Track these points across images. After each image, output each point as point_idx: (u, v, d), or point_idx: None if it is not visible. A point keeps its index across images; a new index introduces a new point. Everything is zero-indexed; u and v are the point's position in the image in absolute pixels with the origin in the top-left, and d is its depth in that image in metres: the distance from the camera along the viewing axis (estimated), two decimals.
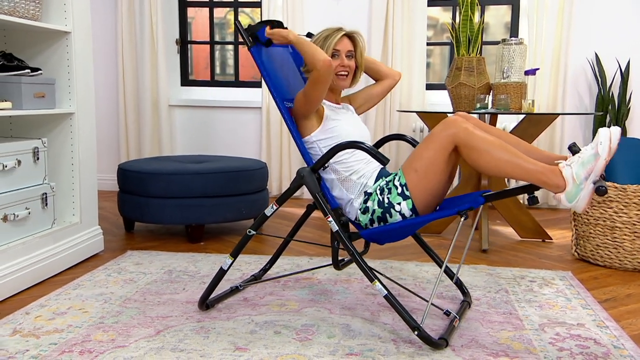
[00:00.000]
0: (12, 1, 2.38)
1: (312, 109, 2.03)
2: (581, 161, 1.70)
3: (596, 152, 1.68)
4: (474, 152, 1.81)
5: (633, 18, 3.99)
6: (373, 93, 2.33)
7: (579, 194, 1.70)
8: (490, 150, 1.78)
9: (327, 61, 1.91)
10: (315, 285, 2.45)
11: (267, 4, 4.31)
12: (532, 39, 4.03)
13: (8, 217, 2.33)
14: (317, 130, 2.06)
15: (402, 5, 4.14)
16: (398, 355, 1.79)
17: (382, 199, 1.96)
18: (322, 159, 1.94)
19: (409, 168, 1.93)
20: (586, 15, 4.04)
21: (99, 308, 2.15)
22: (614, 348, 1.86)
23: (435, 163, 1.89)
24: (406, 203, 1.93)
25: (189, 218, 3.10)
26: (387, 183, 1.98)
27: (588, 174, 1.69)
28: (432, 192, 1.93)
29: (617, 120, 3.92)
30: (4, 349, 1.80)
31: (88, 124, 2.79)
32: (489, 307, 2.22)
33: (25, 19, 2.43)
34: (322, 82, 1.94)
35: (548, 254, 2.99)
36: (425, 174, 1.90)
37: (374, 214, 1.98)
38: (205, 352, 1.79)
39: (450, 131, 1.84)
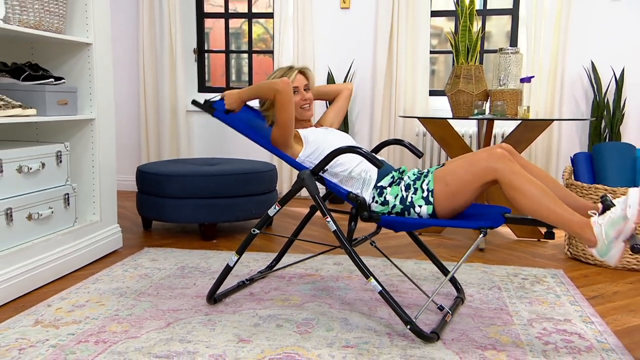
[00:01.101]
0: (38, 15, 2.44)
1: (289, 133, 2.08)
2: (611, 222, 1.65)
3: (625, 215, 1.63)
4: (516, 193, 1.78)
5: (627, 28, 3.96)
6: (338, 107, 2.40)
7: (610, 252, 1.66)
8: (532, 195, 1.75)
9: (285, 81, 2.01)
10: (318, 282, 2.47)
11: (279, 15, 4.34)
12: (531, 47, 4.02)
13: (32, 216, 2.38)
14: (302, 150, 2.12)
15: (406, 15, 4.15)
16: (391, 347, 1.81)
17: (405, 196, 1.95)
18: (321, 163, 1.95)
19: (441, 179, 1.92)
20: (582, 25, 4.02)
21: (115, 301, 2.19)
22: (597, 342, 1.86)
23: (468, 186, 1.87)
24: (427, 208, 1.92)
25: (203, 217, 3.14)
26: (414, 182, 1.97)
27: (617, 234, 1.64)
28: (456, 207, 1.92)
29: (612, 125, 3.89)
30: (26, 338, 1.84)
31: (108, 129, 2.83)
32: (481, 303, 2.22)
33: (50, 32, 2.48)
34: (288, 102, 2.02)
35: (542, 253, 2.99)
36: (455, 192, 1.89)
37: (393, 208, 1.97)
38: (211, 343, 1.82)
39: (496, 166, 1.81)
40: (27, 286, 2.29)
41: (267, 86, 2.06)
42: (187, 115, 4.63)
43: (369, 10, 4.32)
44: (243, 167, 3.28)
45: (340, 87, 2.43)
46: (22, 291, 2.26)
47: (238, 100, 2.15)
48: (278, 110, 2.04)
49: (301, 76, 2.23)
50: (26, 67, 2.53)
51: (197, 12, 4.73)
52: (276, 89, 2.01)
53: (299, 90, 2.21)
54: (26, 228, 2.36)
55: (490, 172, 1.82)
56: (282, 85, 2.00)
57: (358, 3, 4.33)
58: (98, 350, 1.76)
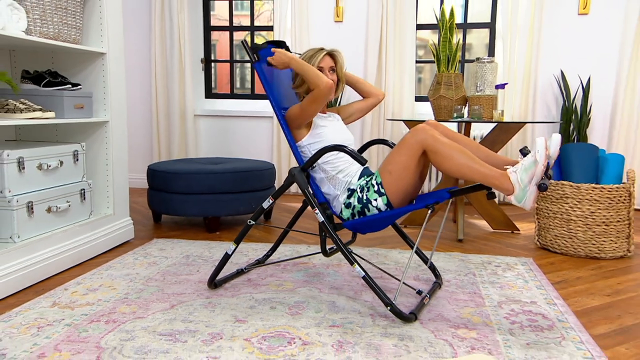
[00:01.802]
0: (57, 28, 2.46)
1: (306, 121, 2.06)
2: (523, 168, 1.71)
3: (535, 160, 1.69)
4: (438, 157, 1.82)
5: (593, 40, 3.98)
6: (359, 108, 2.35)
7: (525, 196, 1.71)
8: (452, 156, 1.80)
9: (330, 83, 1.94)
10: (310, 269, 2.49)
11: (278, 27, 4.36)
12: (507, 57, 4.04)
13: (52, 209, 2.41)
14: (306, 136, 2.08)
15: (394, 28, 4.17)
16: (373, 327, 1.83)
17: (361, 196, 1.98)
18: (310, 160, 1.97)
19: (384, 170, 1.95)
20: (552, 37, 4.04)
21: (125, 286, 2.22)
22: (558, 321, 1.89)
23: (406, 165, 1.90)
24: (381, 199, 1.95)
25: (207, 211, 3.16)
26: (366, 182, 2.00)
27: (530, 178, 1.70)
28: (405, 190, 1.94)
29: (579, 128, 3.91)
30: (44, 318, 1.87)
31: (120, 130, 2.85)
32: (456, 288, 2.24)
33: (68, 43, 2.50)
34: (321, 100, 1.96)
35: (514, 243, 3.01)
36: (399, 175, 1.92)
37: (354, 209, 2.00)
38: (210, 323, 1.84)
39: (419, 137, 1.86)
40: (46, 272, 2.31)
41: (315, 75, 1.95)
42: (195, 118, 4.66)
43: (360, 23, 4.34)
44: (244, 165, 3.30)
45: (374, 91, 2.33)
46: (41, 276, 2.29)
47: (285, 63, 2.05)
48: (310, 99, 1.98)
49: (328, 58, 2.13)
50: (46, 75, 2.55)
51: (204, 25, 4.75)
52: (318, 84, 1.94)
53: (323, 71, 2.11)
54: (46, 220, 2.38)
55: (417, 145, 1.86)
56: (324, 85, 1.93)
57: (350, 17, 4.35)
58: (108, 329, 1.78)
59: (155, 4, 4.48)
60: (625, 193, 2.69)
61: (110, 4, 2.71)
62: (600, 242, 2.68)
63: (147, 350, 1.63)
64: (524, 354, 1.63)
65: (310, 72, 1.98)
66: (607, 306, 2.05)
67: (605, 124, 4.04)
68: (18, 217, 2.21)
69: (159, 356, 1.59)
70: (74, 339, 1.71)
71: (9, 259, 2.12)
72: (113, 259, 2.61)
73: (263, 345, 1.68)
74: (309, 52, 2.13)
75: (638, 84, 3.86)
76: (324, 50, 2.12)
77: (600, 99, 4.02)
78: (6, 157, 2.18)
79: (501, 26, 4.08)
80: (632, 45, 3.85)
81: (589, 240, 2.69)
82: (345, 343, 1.70)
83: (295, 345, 1.68)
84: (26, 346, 1.65)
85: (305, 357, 1.59)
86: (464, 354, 1.63)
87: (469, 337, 1.75)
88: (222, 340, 1.71)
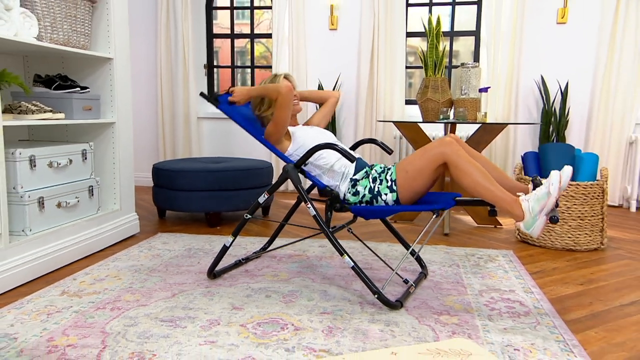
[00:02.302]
0: (67, 34, 2.47)
1: (283, 131, 2.10)
2: (536, 198, 1.70)
3: (548, 192, 1.67)
4: (458, 171, 1.82)
5: (571, 48, 4.00)
6: (323, 113, 2.40)
7: (534, 224, 1.71)
8: (471, 173, 1.79)
9: (289, 85, 2.04)
10: (304, 261, 2.50)
11: (277, 35, 4.37)
12: (491, 63, 4.06)
13: (61, 204, 2.41)
14: (291, 145, 2.13)
15: (385, 37, 4.18)
16: (362, 314, 1.84)
17: (373, 186, 1.98)
18: (303, 157, 1.98)
19: (401, 168, 1.95)
20: (533, 45, 4.06)
21: (130, 276, 2.23)
22: (534, 308, 1.90)
23: (423, 171, 1.90)
24: (392, 195, 1.95)
25: (208, 207, 3.17)
26: (379, 174, 2.00)
27: (542, 208, 1.69)
28: (415, 192, 1.95)
29: (558, 130, 3.93)
30: (54, 305, 1.87)
31: (126, 131, 2.86)
32: (441, 278, 2.26)
33: (77, 49, 2.51)
34: (287, 103, 2.03)
35: (497, 237, 3.02)
36: (414, 178, 1.92)
37: (363, 198, 2.00)
38: (209, 310, 1.85)
39: (444, 149, 1.85)
40: (56, 263, 2.32)
41: (273, 87, 2.07)
42: (198, 121, 4.66)
43: (354, 31, 4.35)
44: (243, 164, 3.31)
45: (328, 94, 2.42)
46: (52, 267, 2.29)
47: (246, 96, 2.14)
48: (278, 108, 2.04)
49: (285, 80, 2.25)
50: (57, 79, 2.55)
51: (207, 33, 4.75)
52: (280, 91, 2.04)
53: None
54: (56, 214, 2.39)
55: (440, 156, 1.86)
56: (285, 89, 2.03)
57: (344, 25, 4.37)
58: (113, 316, 1.79)
59: (160, 13, 4.49)
60: (599, 190, 2.70)
61: (117, 13, 2.72)
62: (575, 235, 2.70)
63: (149, 335, 1.64)
64: (501, 337, 1.65)
65: (269, 87, 2.09)
66: (580, 294, 2.06)
67: (582, 125, 4.06)
68: (30, 212, 2.22)
69: (160, 340, 1.60)
70: (81, 324, 1.72)
71: (21, 250, 2.13)
72: (119, 251, 2.62)
73: (258, 330, 1.69)
74: (267, 78, 2.26)
75: (612, 89, 3.88)
76: (280, 75, 2.24)
77: (577, 102, 4.04)
78: (18, 155, 2.19)
79: (485, 34, 4.09)
80: (607, 52, 3.87)
81: (565, 233, 2.71)
82: (334, 328, 1.71)
83: (288, 330, 1.69)
84: (36, 331, 1.66)
85: (297, 342, 1.60)
86: (446, 338, 1.64)
87: (451, 323, 1.76)
88: (219, 326, 1.72)
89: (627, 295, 2.06)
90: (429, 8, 4.35)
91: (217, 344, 1.58)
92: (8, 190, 2.19)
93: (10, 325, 1.71)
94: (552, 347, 1.59)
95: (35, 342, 1.58)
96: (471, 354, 1.52)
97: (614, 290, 2.11)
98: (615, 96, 3.88)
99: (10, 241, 2.11)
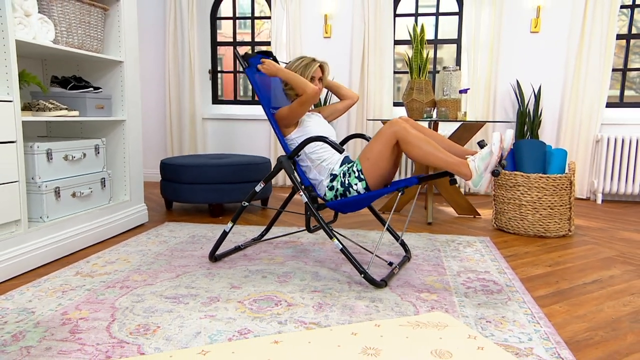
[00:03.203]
0: (81, 39, 2.47)
1: (294, 121, 2.08)
2: (481, 157, 1.73)
3: (490, 151, 1.71)
4: (408, 145, 1.85)
5: (543, 54, 4.03)
6: (337, 108, 2.38)
7: (481, 181, 1.74)
8: (420, 145, 1.82)
9: (315, 90, 1.98)
10: (298, 246, 2.51)
11: (275, 43, 4.38)
12: (471, 68, 4.08)
13: (76, 194, 2.42)
14: (295, 130, 2.11)
15: (375, 44, 4.20)
16: (349, 292, 1.86)
17: (343, 180, 2.01)
18: (296, 149, 1.99)
19: (363, 158, 1.97)
20: (509, 52, 4.08)
21: (138, 259, 2.24)
22: (506, 286, 1.92)
23: (382, 153, 1.92)
24: (361, 184, 1.97)
25: (211, 198, 3.18)
26: (348, 169, 2.02)
27: (486, 166, 1.72)
28: (381, 175, 1.96)
29: (532, 129, 3.96)
30: (68, 284, 1.89)
31: (136, 128, 2.87)
32: (423, 261, 2.27)
33: (91, 52, 2.52)
34: (308, 103, 2.01)
35: (475, 225, 3.04)
36: (375, 162, 1.94)
37: (337, 192, 2.02)
38: (209, 288, 1.87)
39: (393, 129, 1.88)
40: (71, 248, 2.33)
41: (302, 83, 2.00)
42: (203, 121, 4.67)
43: (346, 39, 4.37)
44: (244, 160, 3.32)
45: (349, 94, 2.35)
46: (67, 251, 2.30)
47: (274, 73, 2.08)
48: (298, 103, 2.01)
49: (319, 69, 2.17)
50: (72, 80, 2.56)
51: (211, 41, 4.76)
52: (305, 90, 1.98)
53: (314, 80, 2.15)
54: (71, 203, 2.40)
55: (392, 135, 1.88)
56: (311, 92, 1.98)
57: (337, 34, 4.38)
58: (122, 293, 1.80)
59: (169, 22, 4.50)
60: (567, 182, 2.73)
61: (127, 20, 2.73)
62: (546, 223, 2.72)
63: (154, 310, 1.65)
64: (475, 312, 1.67)
65: (298, 80, 2.01)
66: (548, 274, 2.08)
67: (553, 125, 4.08)
68: (47, 200, 2.23)
69: (164, 314, 1.61)
70: (92, 300, 1.73)
71: (39, 235, 2.14)
72: (129, 238, 2.63)
73: (254, 306, 1.70)
74: (304, 60, 2.15)
75: (580, 92, 3.90)
76: (317, 62, 2.15)
77: (549, 104, 4.07)
78: (36, 148, 2.19)
79: (466, 42, 4.11)
80: (575, 59, 3.90)
81: (537, 221, 2.73)
82: (324, 304, 1.72)
83: (281, 306, 1.71)
84: (52, 306, 1.67)
85: (289, 315, 1.62)
86: (425, 312, 1.66)
87: (430, 300, 1.78)
88: (219, 302, 1.73)
89: (590, 275, 2.08)
90: (415, 18, 4.37)
91: (216, 317, 1.60)
92: (27, 180, 2.20)
93: (29, 301, 1.72)
94: (520, 319, 1.61)
95: (51, 316, 1.59)
96: (447, 325, 1.53)
97: (579, 270, 2.14)
98: (583, 99, 3.91)
99: (29, 227, 2.12)
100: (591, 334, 1.50)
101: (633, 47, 4.03)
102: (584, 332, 1.51)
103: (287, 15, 4.33)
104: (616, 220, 3.24)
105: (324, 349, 1.37)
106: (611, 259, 2.32)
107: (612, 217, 3.32)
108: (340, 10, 4.35)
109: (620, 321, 1.60)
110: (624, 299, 1.81)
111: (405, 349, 1.37)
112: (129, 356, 1.33)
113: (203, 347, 1.38)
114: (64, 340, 1.42)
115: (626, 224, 3.13)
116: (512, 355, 1.36)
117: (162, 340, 1.43)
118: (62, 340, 1.42)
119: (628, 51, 4.01)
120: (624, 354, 1.38)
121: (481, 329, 1.53)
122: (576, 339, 1.47)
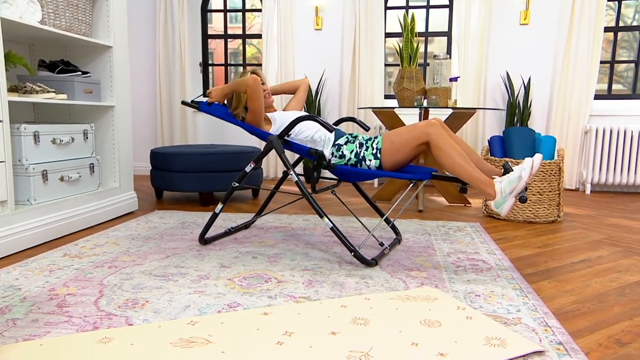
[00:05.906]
0: (69, 21, 2.45)
1: (260, 117, 2.10)
2: (509, 180, 1.71)
3: (520, 176, 1.69)
4: (439, 151, 1.83)
5: (532, 46, 4.07)
6: (298, 98, 2.40)
7: (504, 204, 1.72)
8: (451, 154, 1.80)
9: (253, 77, 2.04)
10: (289, 231, 2.51)
11: (266, 36, 4.38)
12: (461, 60, 4.11)
13: (64, 178, 2.40)
14: (272, 127, 2.13)
15: (365, 37, 4.21)
16: (339, 270, 1.86)
17: (359, 151, 1.99)
18: (286, 129, 1.99)
19: (388, 139, 1.96)
20: (499, 44, 4.12)
21: (128, 243, 2.22)
22: (495, 265, 1.93)
23: (408, 144, 1.91)
24: (375, 162, 1.96)
25: (202, 187, 3.17)
26: (366, 141, 2.01)
27: (512, 190, 1.70)
28: (397, 162, 1.96)
29: (522, 120, 3.99)
30: (56, 264, 1.87)
31: (125, 115, 2.85)
32: (413, 243, 2.28)
33: (79, 35, 2.50)
34: (257, 93, 2.03)
35: (466, 213, 3.06)
36: (398, 149, 1.93)
37: (349, 161, 2.01)
38: (199, 268, 1.86)
39: (429, 130, 1.86)
40: (58, 232, 2.31)
41: (241, 81, 2.07)
42: (194, 113, 4.65)
43: (337, 31, 4.38)
44: (233, 149, 3.31)
45: (297, 83, 2.40)
46: (54, 235, 2.28)
47: (221, 94, 2.16)
48: (250, 99, 2.04)
49: (254, 74, 2.22)
50: (60, 63, 2.54)
51: (202, 34, 4.75)
52: (247, 84, 2.04)
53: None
54: (59, 187, 2.37)
55: (424, 135, 1.88)
56: (251, 80, 2.03)
57: (328, 26, 4.39)
58: (110, 272, 1.79)
59: (159, 14, 4.48)
60: (556, 168, 2.75)
61: (116, 3, 2.71)
62: (535, 209, 2.75)
63: (143, 286, 1.64)
64: (464, 287, 1.68)
65: (238, 82, 2.09)
66: (537, 255, 2.10)
67: (543, 116, 4.12)
68: (34, 183, 2.21)
69: (153, 290, 1.61)
70: (80, 278, 1.71)
71: (26, 217, 2.12)
72: (118, 224, 2.61)
73: (244, 283, 1.70)
74: (239, 75, 2.23)
75: (569, 84, 3.95)
76: (248, 71, 2.22)
77: (538, 95, 4.10)
78: (23, 130, 2.17)
79: (456, 34, 4.14)
80: (564, 51, 3.94)
81: (526, 207, 2.75)
82: (314, 281, 1.73)
83: (271, 283, 1.70)
84: (39, 283, 1.66)
85: (279, 291, 1.62)
86: (415, 288, 1.67)
87: (420, 277, 1.79)
88: (208, 280, 1.72)
89: (578, 255, 2.10)
90: (406, 10, 4.39)
91: (206, 293, 1.59)
92: (14, 162, 2.18)
93: (15, 279, 1.70)
94: (509, 293, 1.62)
95: (38, 292, 1.58)
96: (436, 298, 1.54)
97: (567, 252, 2.16)
98: (572, 91, 3.95)
99: (16, 208, 2.10)
100: (579, 306, 1.52)
101: (620, 42, 4.09)
102: (571, 305, 1.53)
103: (278, 7, 4.33)
104: (604, 207, 3.28)
105: (313, 320, 1.37)
106: (599, 241, 2.35)
107: (601, 205, 3.36)
108: (331, 2, 4.36)
109: (607, 294, 1.62)
110: (611, 275, 1.83)
111: (394, 319, 1.38)
112: (117, 327, 1.32)
113: (192, 318, 1.37)
114: (51, 313, 1.41)
115: (614, 211, 3.16)
116: (501, 324, 1.37)
117: (151, 313, 1.42)
118: (49, 313, 1.41)
119: (616, 44, 4.06)
120: (611, 322, 1.40)
121: (470, 302, 1.53)
122: (564, 310, 1.48)
